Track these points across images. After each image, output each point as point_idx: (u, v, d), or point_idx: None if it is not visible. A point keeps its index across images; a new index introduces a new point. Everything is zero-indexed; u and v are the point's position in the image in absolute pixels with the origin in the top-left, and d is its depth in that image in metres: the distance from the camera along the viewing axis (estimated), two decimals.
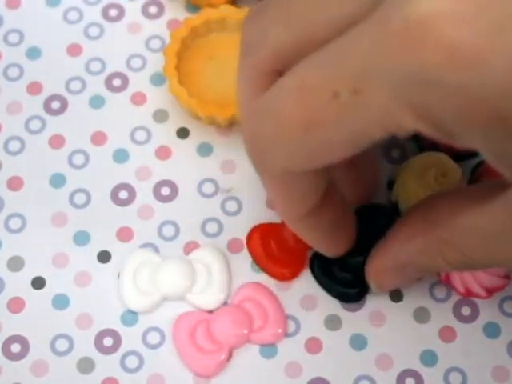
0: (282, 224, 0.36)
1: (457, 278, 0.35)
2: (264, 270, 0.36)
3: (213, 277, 0.35)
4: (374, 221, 0.35)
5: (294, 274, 0.36)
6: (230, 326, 0.34)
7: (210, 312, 0.35)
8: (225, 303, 0.35)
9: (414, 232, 0.31)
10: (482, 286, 0.35)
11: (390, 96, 0.24)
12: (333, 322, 0.35)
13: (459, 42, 0.22)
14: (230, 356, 0.34)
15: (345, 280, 0.35)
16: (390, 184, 0.37)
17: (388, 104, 0.24)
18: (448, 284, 0.35)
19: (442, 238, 0.30)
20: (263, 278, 0.36)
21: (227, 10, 0.39)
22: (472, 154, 0.37)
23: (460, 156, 0.37)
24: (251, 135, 0.28)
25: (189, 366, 0.34)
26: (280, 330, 0.35)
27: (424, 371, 0.34)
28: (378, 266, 0.33)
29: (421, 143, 0.38)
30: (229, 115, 0.37)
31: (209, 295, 0.35)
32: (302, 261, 0.36)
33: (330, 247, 0.34)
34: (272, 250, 0.36)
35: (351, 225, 0.34)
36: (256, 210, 0.37)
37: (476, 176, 0.37)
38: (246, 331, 0.34)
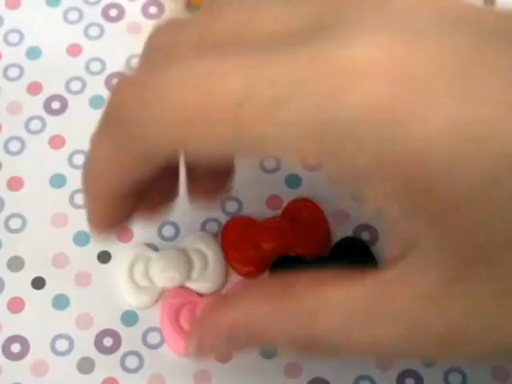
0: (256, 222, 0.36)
1: None
2: (231, 264, 0.36)
3: (208, 262, 0.35)
4: (350, 254, 0.35)
5: (258, 273, 0.36)
6: None
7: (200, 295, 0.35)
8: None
9: (272, 294, 0.26)
10: None
11: (302, 128, 0.22)
12: None
13: (381, 98, 0.22)
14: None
15: None
16: None
17: (295, 136, 0.22)
18: None
19: (295, 307, 0.26)
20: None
21: None
22: None
23: None
24: (126, 99, 0.26)
25: (170, 346, 0.34)
26: None
27: (424, 371, 0.34)
28: (217, 321, 0.27)
29: None
30: None
31: (206, 281, 0.35)
32: (268, 261, 0.36)
33: (102, 225, 0.29)
34: (243, 246, 0.36)
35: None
36: (256, 209, 0.37)
37: None
38: None
